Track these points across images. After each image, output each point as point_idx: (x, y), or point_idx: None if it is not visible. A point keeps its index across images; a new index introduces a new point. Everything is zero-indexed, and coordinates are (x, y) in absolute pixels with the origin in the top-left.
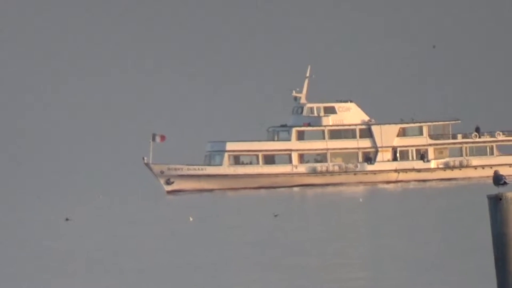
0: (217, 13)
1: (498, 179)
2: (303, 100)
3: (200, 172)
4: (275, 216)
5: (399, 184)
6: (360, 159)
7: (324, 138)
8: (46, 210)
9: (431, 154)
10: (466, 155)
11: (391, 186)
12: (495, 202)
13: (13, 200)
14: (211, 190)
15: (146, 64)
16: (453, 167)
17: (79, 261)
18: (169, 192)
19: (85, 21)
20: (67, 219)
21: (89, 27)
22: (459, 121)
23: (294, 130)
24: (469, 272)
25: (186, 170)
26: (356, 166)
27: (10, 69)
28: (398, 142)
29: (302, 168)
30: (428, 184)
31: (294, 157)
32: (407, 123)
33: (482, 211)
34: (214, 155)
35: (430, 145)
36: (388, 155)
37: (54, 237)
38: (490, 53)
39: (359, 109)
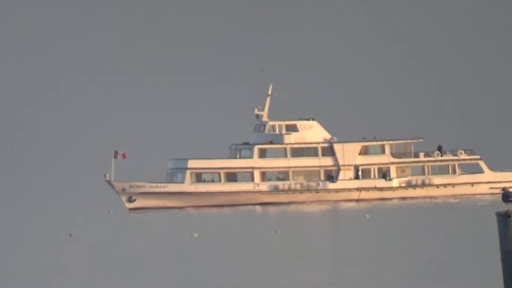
0: (179, 29)
1: (507, 196)
2: (265, 118)
3: (162, 190)
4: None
5: (394, 201)
6: (322, 177)
7: (286, 156)
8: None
9: (393, 172)
10: (428, 174)
11: (393, 202)
12: (504, 219)
13: None
14: (173, 208)
15: (108, 81)
16: (415, 186)
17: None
18: (131, 210)
19: (50, 31)
20: (70, 235)
21: (56, 37)
22: (421, 140)
23: (256, 148)
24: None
25: (148, 187)
26: (318, 185)
27: None
28: (360, 160)
29: (264, 186)
30: (409, 201)
31: (256, 175)
32: (369, 141)
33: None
34: (176, 173)
35: (392, 163)
36: (350, 173)
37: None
38: (452, 71)
39: (321, 127)
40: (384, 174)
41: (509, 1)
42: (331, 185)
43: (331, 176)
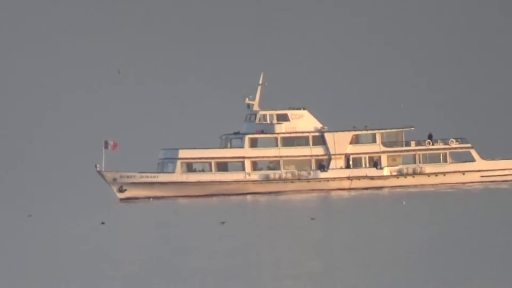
0: (170, 18)
1: None
2: (256, 108)
3: (153, 180)
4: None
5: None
6: (313, 166)
7: (277, 146)
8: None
9: (384, 161)
10: (420, 163)
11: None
12: None
13: None
14: (164, 198)
15: (99, 71)
16: (406, 175)
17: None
18: (122, 200)
19: (34, 26)
20: (30, 215)
21: (40, 32)
22: (413, 128)
23: (247, 137)
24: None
25: (138, 177)
26: (309, 174)
27: None
28: (351, 149)
29: (255, 176)
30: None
31: (247, 164)
32: (360, 130)
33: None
34: (166, 163)
35: (383, 152)
36: (341, 162)
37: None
38: (443, 60)
39: (312, 117)
40: (375, 163)
41: None
42: (322, 174)
43: (322, 165)
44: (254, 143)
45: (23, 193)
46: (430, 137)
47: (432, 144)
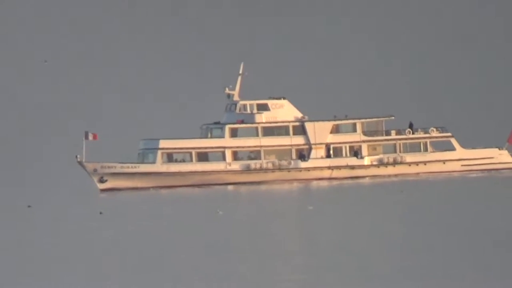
0: (151, 10)
1: None
2: (236, 97)
3: (134, 170)
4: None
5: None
6: (294, 156)
7: (257, 135)
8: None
9: (364, 150)
10: (400, 152)
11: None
12: None
13: None
14: (144, 188)
15: (80, 62)
16: (387, 164)
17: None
18: (102, 191)
19: (18, 19)
20: (29, 206)
21: (26, 24)
22: (393, 118)
23: (227, 127)
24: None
25: (119, 168)
26: (290, 163)
27: None
28: (331, 139)
29: (236, 166)
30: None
31: (228, 154)
32: (341, 119)
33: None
34: (147, 153)
35: (363, 141)
36: (322, 152)
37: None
38: (423, 49)
39: (292, 106)
40: (355, 152)
41: None
42: (303, 164)
43: (302, 155)
44: (234, 133)
45: (4, 184)
46: (410, 125)
47: (413, 133)
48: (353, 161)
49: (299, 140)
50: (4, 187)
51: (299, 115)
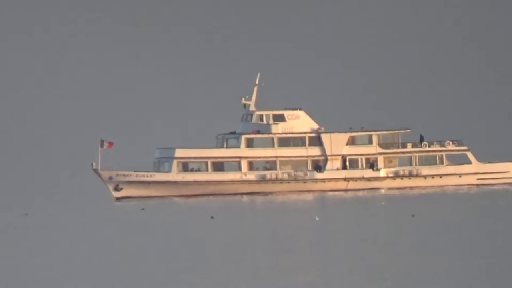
0: (168, 18)
1: None
2: (252, 108)
3: (149, 179)
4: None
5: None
6: (310, 167)
7: (273, 146)
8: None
9: (380, 163)
10: (416, 165)
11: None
12: None
13: None
14: (159, 197)
15: (95, 70)
16: (403, 176)
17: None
18: (117, 199)
19: (19, 26)
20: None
21: (29, 30)
22: (409, 130)
23: (243, 137)
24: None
25: (134, 176)
26: (306, 174)
27: None
28: (347, 150)
29: (251, 176)
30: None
31: (244, 164)
32: (357, 131)
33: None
34: (163, 162)
35: (379, 154)
36: (338, 163)
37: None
38: (440, 64)
39: (308, 117)
40: (371, 164)
41: None
42: (318, 175)
43: (318, 166)
44: (250, 143)
45: (19, 192)
46: (421, 139)
47: (429, 146)
48: (369, 173)
49: (315, 151)
50: (19, 194)
51: (315, 126)
